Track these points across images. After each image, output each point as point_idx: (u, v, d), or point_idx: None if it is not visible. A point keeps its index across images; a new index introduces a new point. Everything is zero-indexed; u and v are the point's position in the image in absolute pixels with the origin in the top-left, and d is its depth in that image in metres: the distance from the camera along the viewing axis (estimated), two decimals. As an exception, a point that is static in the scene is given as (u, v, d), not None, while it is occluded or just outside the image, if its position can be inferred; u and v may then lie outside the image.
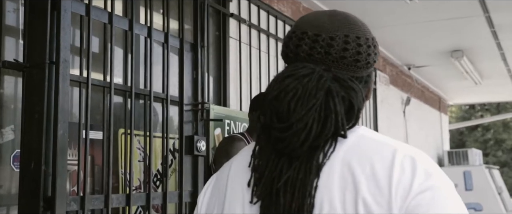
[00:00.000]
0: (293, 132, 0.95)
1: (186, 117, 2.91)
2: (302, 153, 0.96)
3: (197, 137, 2.90)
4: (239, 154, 1.13)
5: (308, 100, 0.96)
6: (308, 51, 1.03)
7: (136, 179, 2.96)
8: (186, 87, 2.91)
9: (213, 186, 1.11)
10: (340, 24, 1.06)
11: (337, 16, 1.08)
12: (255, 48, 4.23)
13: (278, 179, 0.96)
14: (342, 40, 1.04)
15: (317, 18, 1.07)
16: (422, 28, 6.05)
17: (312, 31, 1.04)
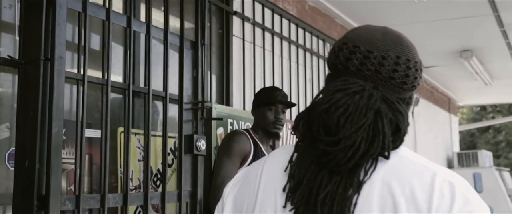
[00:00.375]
0: (341, 148, 0.96)
1: (186, 116, 2.87)
2: (345, 169, 0.97)
3: (196, 136, 2.86)
4: (273, 155, 1.13)
5: (358, 118, 0.97)
6: (359, 66, 1.05)
7: (136, 178, 2.92)
8: (186, 86, 2.87)
9: (242, 181, 1.12)
10: (392, 44, 1.07)
11: (390, 35, 1.09)
12: (259, 47, 4.19)
13: (317, 191, 0.97)
14: (393, 61, 1.05)
15: (370, 34, 1.08)
16: (430, 27, 5.98)
17: (365, 47, 1.05)
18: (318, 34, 5.18)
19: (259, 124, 3.10)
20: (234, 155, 2.92)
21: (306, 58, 4.92)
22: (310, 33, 5.03)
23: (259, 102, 3.11)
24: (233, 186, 1.13)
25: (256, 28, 4.13)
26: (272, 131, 3.07)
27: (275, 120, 3.05)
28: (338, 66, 1.07)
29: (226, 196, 1.12)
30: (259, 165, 1.11)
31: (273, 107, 3.06)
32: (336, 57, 1.08)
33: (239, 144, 2.95)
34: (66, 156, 2.52)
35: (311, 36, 5.05)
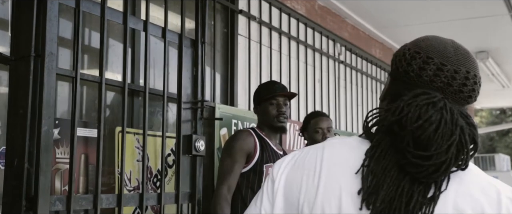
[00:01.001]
0: (433, 162, 1.01)
1: (185, 116, 2.79)
2: (432, 181, 1.03)
3: (195, 136, 2.78)
4: (332, 147, 1.15)
5: (450, 135, 1.02)
6: (432, 77, 1.11)
7: (134, 179, 2.86)
8: (185, 85, 2.79)
9: (292, 164, 1.15)
10: (463, 59, 1.12)
11: (460, 50, 1.14)
12: (266, 46, 4.11)
13: (401, 197, 1.03)
14: (464, 75, 1.11)
15: (443, 46, 1.14)
16: (444, 28, 5.85)
17: (439, 59, 1.11)
18: (328, 34, 5.09)
19: (264, 121, 2.99)
20: (237, 153, 2.81)
21: (315, 59, 4.83)
22: (319, 33, 4.94)
23: (259, 99, 3.00)
24: (285, 167, 1.16)
25: (262, 27, 4.05)
26: (277, 125, 2.96)
27: (278, 114, 2.94)
28: (410, 74, 1.13)
29: (279, 174, 1.15)
30: (315, 153, 1.14)
31: (274, 100, 2.95)
32: (408, 65, 1.13)
33: (241, 141, 2.84)
34: (61, 156, 2.46)
35: (321, 36, 4.96)
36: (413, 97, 1.06)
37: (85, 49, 2.75)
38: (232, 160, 2.80)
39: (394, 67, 1.16)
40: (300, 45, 4.58)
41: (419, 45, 1.14)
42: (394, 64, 1.17)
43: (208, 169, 3.37)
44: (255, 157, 2.83)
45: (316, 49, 4.84)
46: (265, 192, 1.15)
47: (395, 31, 6.05)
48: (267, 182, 1.16)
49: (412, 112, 1.03)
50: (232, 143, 2.86)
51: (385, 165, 1.05)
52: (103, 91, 2.33)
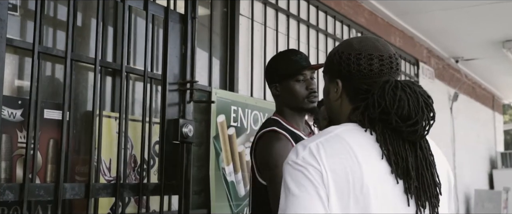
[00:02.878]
0: (421, 123, 1.31)
1: (171, 98, 2.52)
2: (422, 138, 1.36)
3: (183, 121, 2.50)
4: (350, 134, 1.33)
5: (417, 102, 1.32)
6: (379, 68, 1.38)
7: (114, 168, 2.58)
8: (171, 64, 2.51)
9: (326, 153, 1.27)
10: (383, 47, 1.42)
11: (380, 41, 1.44)
12: (272, 28, 3.81)
13: (422, 162, 1.34)
14: (389, 58, 1.40)
15: (371, 43, 1.41)
16: (468, 14, 5.47)
17: (377, 54, 1.38)
18: (342, 19, 4.76)
19: (288, 103, 2.29)
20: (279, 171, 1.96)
21: (328, 45, 4.51)
22: (333, 18, 4.62)
23: (280, 75, 2.29)
24: (318, 156, 1.27)
25: (268, 8, 3.75)
26: (309, 106, 2.27)
27: (308, 93, 2.25)
28: (363, 71, 1.38)
29: (318, 151, 1.27)
30: (338, 140, 1.30)
31: (301, 76, 2.26)
32: (358, 65, 1.38)
33: (281, 156, 2.06)
34: (24, 140, 2.20)
35: (334, 21, 4.64)
36: (380, 89, 1.33)
37: (53, 21, 2.48)
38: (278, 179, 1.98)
39: (343, 70, 1.39)
40: (311, 30, 4.27)
41: (355, 48, 1.39)
42: (339, 67, 1.40)
43: (203, 159, 3.09)
44: None
45: (329, 34, 4.52)
46: (312, 184, 1.23)
47: (416, 18, 5.69)
48: (307, 175, 1.24)
49: (388, 100, 1.31)
50: (279, 154, 2.11)
51: (392, 138, 1.32)
52: (67, 68, 2.05)
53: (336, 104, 1.43)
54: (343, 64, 1.39)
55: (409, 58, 6.30)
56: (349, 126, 1.36)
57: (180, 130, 2.48)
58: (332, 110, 1.46)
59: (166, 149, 2.48)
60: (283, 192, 1.24)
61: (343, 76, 1.40)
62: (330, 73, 1.44)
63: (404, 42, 6.10)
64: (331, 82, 1.43)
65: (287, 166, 1.27)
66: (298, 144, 1.32)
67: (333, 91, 1.43)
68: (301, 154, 1.27)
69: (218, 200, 3.14)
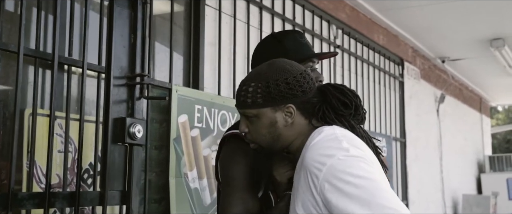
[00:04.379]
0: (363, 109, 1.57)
1: (118, 94, 2.20)
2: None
3: (130, 119, 2.18)
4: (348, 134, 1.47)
5: (353, 94, 1.55)
6: (313, 81, 1.55)
7: (53, 175, 2.26)
8: (118, 55, 2.20)
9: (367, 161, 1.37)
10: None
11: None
12: (243, 21, 3.50)
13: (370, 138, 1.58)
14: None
15: (295, 64, 1.55)
16: (454, 10, 5.20)
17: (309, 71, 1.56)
18: (321, 14, 4.47)
19: None
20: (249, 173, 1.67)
21: (305, 40, 4.20)
22: (311, 12, 4.32)
23: (289, 58, 1.64)
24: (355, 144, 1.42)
25: None
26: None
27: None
28: (312, 87, 1.52)
29: (357, 145, 1.41)
30: (352, 136, 1.47)
31: (311, 63, 1.80)
32: (307, 84, 1.50)
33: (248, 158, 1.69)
34: None
35: (313, 16, 4.34)
36: (328, 93, 1.51)
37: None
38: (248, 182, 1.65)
39: (297, 92, 1.46)
40: (287, 24, 3.97)
41: (291, 70, 1.48)
42: (292, 92, 1.46)
43: (164, 164, 2.78)
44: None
45: (307, 30, 4.22)
46: (375, 169, 1.37)
47: (400, 14, 5.41)
48: (367, 162, 1.35)
49: (347, 98, 1.50)
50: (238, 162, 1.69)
51: (363, 130, 1.56)
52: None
53: (286, 130, 1.48)
54: (295, 87, 1.45)
55: (394, 58, 6.02)
56: (331, 127, 1.47)
57: (127, 130, 2.16)
58: (280, 137, 1.48)
59: (111, 152, 2.16)
60: (358, 180, 1.27)
61: (294, 97, 1.46)
62: (275, 102, 1.45)
63: (388, 40, 5.83)
64: (277, 111, 1.46)
65: (343, 162, 1.30)
66: (333, 148, 1.35)
67: (282, 119, 1.47)
68: (351, 149, 1.35)
69: (179, 209, 2.82)
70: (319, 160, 1.33)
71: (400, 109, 6.09)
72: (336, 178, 1.28)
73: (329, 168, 1.30)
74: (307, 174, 1.35)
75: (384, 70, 5.72)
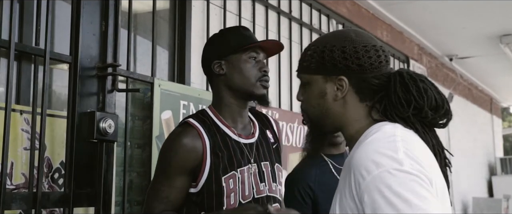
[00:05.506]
0: (450, 112, 1.33)
1: (88, 86, 2.03)
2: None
3: (101, 114, 2.00)
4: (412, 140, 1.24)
5: (438, 92, 1.31)
6: (387, 59, 1.33)
7: (18, 174, 2.08)
8: (86, 44, 2.02)
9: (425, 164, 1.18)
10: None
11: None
12: (234, 14, 3.32)
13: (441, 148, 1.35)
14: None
15: (370, 34, 1.36)
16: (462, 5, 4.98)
17: (379, 44, 1.32)
18: (320, 8, 4.28)
19: (234, 85, 1.87)
20: (175, 173, 1.79)
21: (303, 36, 4.02)
22: (309, 6, 4.13)
23: (230, 48, 1.87)
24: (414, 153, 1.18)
25: (228, -10, 3.27)
26: (260, 91, 1.88)
27: (262, 75, 1.87)
28: (374, 64, 1.29)
29: (415, 155, 1.17)
30: (413, 142, 1.24)
31: (254, 53, 1.87)
32: (368, 58, 1.29)
33: (180, 155, 1.78)
34: None
35: (310, 9, 4.15)
36: (398, 83, 1.27)
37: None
38: (168, 181, 1.79)
39: (352, 65, 1.27)
40: (282, 17, 3.78)
41: (356, 40, 1.29)
42: (346, 62, 1.27)
43: (145, 164, 2.60)
44: (204, 172, 1.79)
45: (304, 24, 4.03)
46: (430, 193, 1.12)
47: (404, 9, 5.20)
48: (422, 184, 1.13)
49: (416, 95, 1.26)
50: (168, 157, 1.82)
51: (434, 136, 1.33)
52: None
53: (336, 105, 1.31)
54: (350, 58, 1.27)
55: (398, 55, 5.81)
56: (393, 125, 1.26)
57: (96, 125, 1.98)
58: (328, 111, 1.32)
59: (79, 149, 1.98)
60: (401, 204, 1.07)
61: (350, 72, 1.28)
62: (327, 71, 1.30)
63: (392, 37, 5.62)
64: (328, 82, 1.31)
65: (392, 176, 1.10)
66: (385, 156, 1.15)
67: (332, 91, 1.30)
68: (406, 162, 1.14)
69: (163, 212, 2.63)
70: (367, 166, 1.14)
71: (405, 108, 5.87)
72: (379, 192, 1.10)
73: (374, 179, 1.12)
74: (351, 176, 1.17)
75: (389, 68, 5.51)
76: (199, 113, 1.88)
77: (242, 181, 1.78)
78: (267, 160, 1.90)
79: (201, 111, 1.91)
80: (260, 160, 1.87)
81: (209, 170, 1.78)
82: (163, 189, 1.78)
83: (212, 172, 1.77)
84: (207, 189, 1.76)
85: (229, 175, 1.78)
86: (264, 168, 1.88)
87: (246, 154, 1.85)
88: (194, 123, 1.81)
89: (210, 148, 1.79)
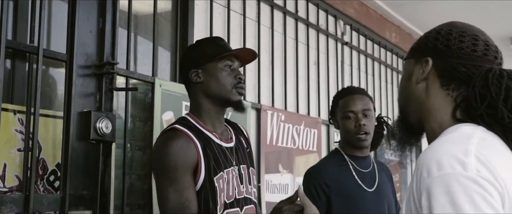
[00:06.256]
0: None
1: (84, 85, 1.95)
2: None
3: (97, 113, 1.93)
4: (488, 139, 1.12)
5: None
6: (484, 52, 1.21)
7: (11, 176, 2.01)
8: (83, 41, 1.95)
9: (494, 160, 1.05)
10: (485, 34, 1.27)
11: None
12: (238, 13, 3.25)
13: None
14: (494, 47, 1.26)
15: (474, 26, 1.26)
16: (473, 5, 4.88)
17: (482, 37, 1.23)
18: (327, 8, 4.20)
19: (211, 93, 1.94)
20: (179, 175, 1.79)
21: (310, 36, 3.94)
22: (315, 6, 4.05)
23: (206, 57, 1.95)
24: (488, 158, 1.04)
25: (232, -11, 3.19)
26: (236, 98, 1.95)
27: (237, 82, 1.95)
28: (464, 49, 1.20)
29: (489, 161, 1.03)
30: (493, 146, 1.11)
31: (229, 62, 1.96)
32: (460, 42, 1.21)
33: (181, 155, 1.80)
34: None
35: (317, 10, 4.07)
36: (482, 78, 1.14)
37: None
38: (176, 186, 1.78)
39: (439, 45, 1.20)
40: (288, 17, 3.71)
41: (459, 26, 1.24)
42: (435, 43, 1.21)
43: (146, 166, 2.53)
44: (201, 168, 1.82)
45: (311, 24, 3.95)
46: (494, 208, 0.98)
47: (413, 10, 5.11)
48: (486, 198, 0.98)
49: (493, 91, 1.12)
50: (166, 162, 1.81)
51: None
52: None
53: (418, 89, 1.23)
54: (441, 39, 1.22)
55: (407, 57, 5.71)
56: (474, 127, 1.14)
57: (93, 125, 1.91)
58: (410, 96, 1.25)
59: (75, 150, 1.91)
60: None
61: (437, 53, 1.21)
62: (419, 52, 1.25)
63: (401, 39, 5.53)
64: (416, 64, 1.24)
65: (453, 181, 0.99)
66: (452, 157, 1.03)
67: (418, 72, 1.23)
68: (472, 165, 1.01)
69: (164, 216, 2.56)
70: (429, 166, 1.04)
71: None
72: (435, 197, 1.00)
73: (433, 181, 1.02)
74: (415, 173, 1.09)
75: (397, 70, 5.42)
76: (181, 120, 1.94)
77: (227, 182, 1.86)
78: (245, 163, 1.98)
79: (181, 117, 1.97)
80: (239, 163, 1.95)
81: (204, 171, 1.83)
82: (176, 195, 1.78)
83: (206, 172, 1.83)
84: (204, 189, 1.81)
85: (219, 175, 1.85)
86: (243, 171, 1.96)
87: (228, 156, 1.93)
88: (181, 128, 1.86)
89: (202, 150, 1.85)
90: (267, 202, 3.27)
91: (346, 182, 2.34)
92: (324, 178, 2.34)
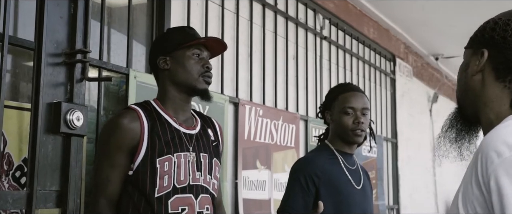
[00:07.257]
0: None
1: (53, 74, 1.83)
2: None
3: (68, 105, 1.81)
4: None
5: None
6: None
7: (-25, 172, 1.88)
8: (52, 28, 1.83)
9: None
10: None
11: None
12: (217, 4, 3.14)
13: None
14: None
15: None
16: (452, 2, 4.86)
17: None
18: (306, 2, 4.11)
19: (178, 80, 1.95)
20: (113, 152, 1.83)
21: (289, 29, 3.85)
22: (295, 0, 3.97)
23: (174, 44, 1.96)
24: None
25: (211, -21, 3.09)
26: (202, 86, 1.96)
27: (204, 70, 1.96)
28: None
29: None
30: None
31: (197, 50, 1.97)
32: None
33: (118, 135, 1.83)
34: None
35: (296, 3, 3.99)
36: None
37: None
38: (109, 162, 1.83)
39: (496, 36, 1.15)
40: (268, 10, 3.61)
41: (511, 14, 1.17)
42: (492, 34, 1.16)
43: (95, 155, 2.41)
44: (142, 148, 1.83)
45: (290, 17, 3.86)
46: None
47: (391, 6, 5.07)
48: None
49: None
50: (106, 137, 1.86)
51: None
52: None
53: (474, 81, 1.19)
54: (498, 30, 1.16)
55: (385, 53, 5.68)
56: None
57: (63, 118, 1.79)
58: (466, 87, 1.21)
59: (43, 144, 1.79)
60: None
61: (493, 45, 1.16)
62: (476, 44, 1.20)
63: (379, 34, 5.48)
64: (473, 55, 1.20)
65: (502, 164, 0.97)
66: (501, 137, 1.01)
67: (473, 64, 1.19)
68: None
69: None
70: (497, 147, 1.00)
71: (391, 107, 5.75)
72: (508, 177, 0.97)
73: (504, 162, 0.98)
74: (478, 162, 1.02)
75: (375, 66, 5.37)
76: (143, 102, 1.97)
77: (178, 166, 1.85)
78: (206, 152, 1.97)
79: (145, 101, 1.99)
80: (199, 151, 1.94)
81: (145, 151, 1.84)
82: (104, 169, 1.83)
83: (148, 153, 1.84)
84: (142, 169, 1.81)
85: (165, 158, 1.84)
86: (203, 159, 1.95)
87: (184, 142, 1.92)
88: (134, 107, 1.89)
89: (148, 131, 1.86)
90: (244, 199, 3.18)
91: (336, 176, 2.30)
92: (315, 169, 2.28)
